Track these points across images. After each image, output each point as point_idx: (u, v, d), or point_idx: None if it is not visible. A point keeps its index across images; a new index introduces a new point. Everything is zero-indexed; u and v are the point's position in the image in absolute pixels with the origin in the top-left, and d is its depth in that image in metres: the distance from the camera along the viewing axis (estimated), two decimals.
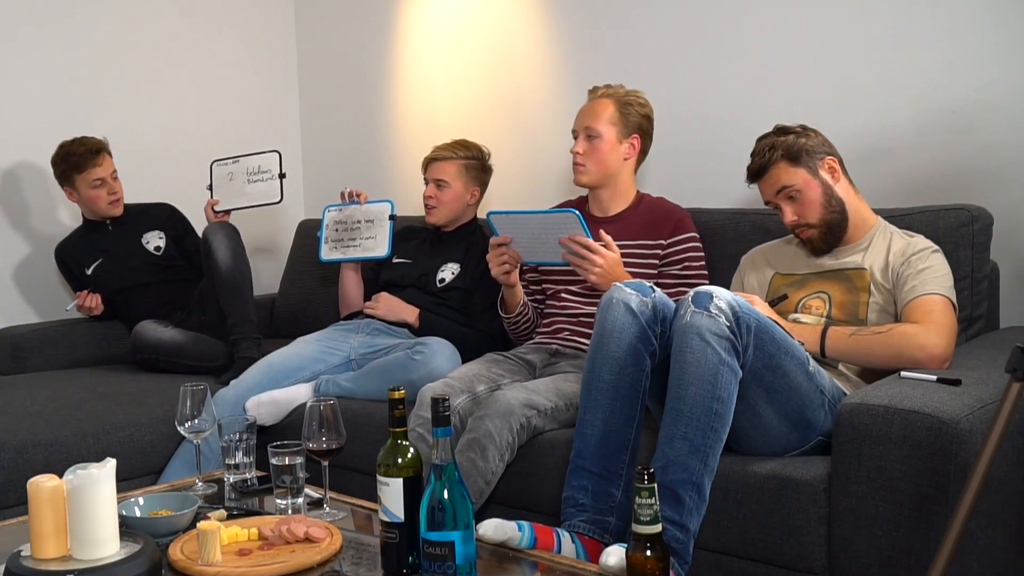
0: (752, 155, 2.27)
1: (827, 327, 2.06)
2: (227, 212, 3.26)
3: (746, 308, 1.88)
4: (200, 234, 3.31)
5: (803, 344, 2.01)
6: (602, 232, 2.45)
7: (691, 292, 1.91)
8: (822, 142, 2.23)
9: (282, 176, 3.21)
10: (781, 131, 2.26)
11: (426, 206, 3.07)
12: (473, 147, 3.08)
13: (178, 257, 3.40)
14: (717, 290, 1.89)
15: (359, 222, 3.18)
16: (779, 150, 2.22)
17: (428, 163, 3.09)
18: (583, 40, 3.22)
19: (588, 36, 3.21)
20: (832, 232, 2.21)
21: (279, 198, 3.21)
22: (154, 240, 3.38)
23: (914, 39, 2.54)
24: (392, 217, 3.02)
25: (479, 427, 2.19)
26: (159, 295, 3.30)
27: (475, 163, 3.06)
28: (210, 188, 3.29)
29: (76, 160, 3.20)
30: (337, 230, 3.20)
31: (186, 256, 3.42)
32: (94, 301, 3.25)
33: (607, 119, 2.60)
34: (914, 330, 2.01)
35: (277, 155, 3.18)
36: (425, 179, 3.08)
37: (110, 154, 3.27)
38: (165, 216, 3.43)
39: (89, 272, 3.31)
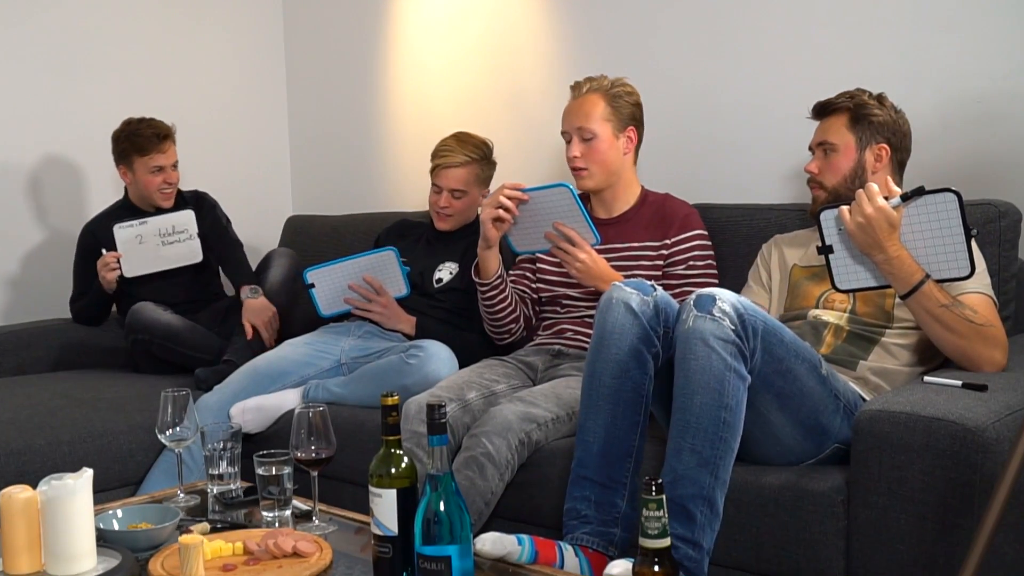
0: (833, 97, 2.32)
1: (928, 277, 1.98)
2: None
3: (752, 310, 1.88)
4: (221, 219, 3.40)
5: (895, 274, 1.97)
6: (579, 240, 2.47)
7: (693, 295, 1.91)
8: (893, 128, 2.25)
9: (200, 235, 3.24)
10: (867, 92, 2.28)
11: (437, 213, 3.02)
12: (480, 144, 3.01)
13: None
14: (720, 292, 1.89)
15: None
16: (852, 104, 2.26)
17: (440, 170, 2.98)
18: (584, 27, 3.22)
19: (589, 23, 3.21)
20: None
21: (201, 257, 3.24)
22: None
23: (937, 24, 2.54)
24: (405, 263, 2.99)
25: (476, 445, 2.19)
26: (167, 288, 3.28)
27: (485, 163, 3.02)
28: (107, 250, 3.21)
29: (140, 142, 3.19)
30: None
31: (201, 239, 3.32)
32: (113, 267, 3.17)
33: (600, 116, 2.57)
34: (999, 341, 1.99)
35: (192, 213, 3.22)
36: (437, 186, 3.00)
37: (175, 142, 3.27)
38: (195, 204, 3.36)
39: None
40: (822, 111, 2.33)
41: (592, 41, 3.21)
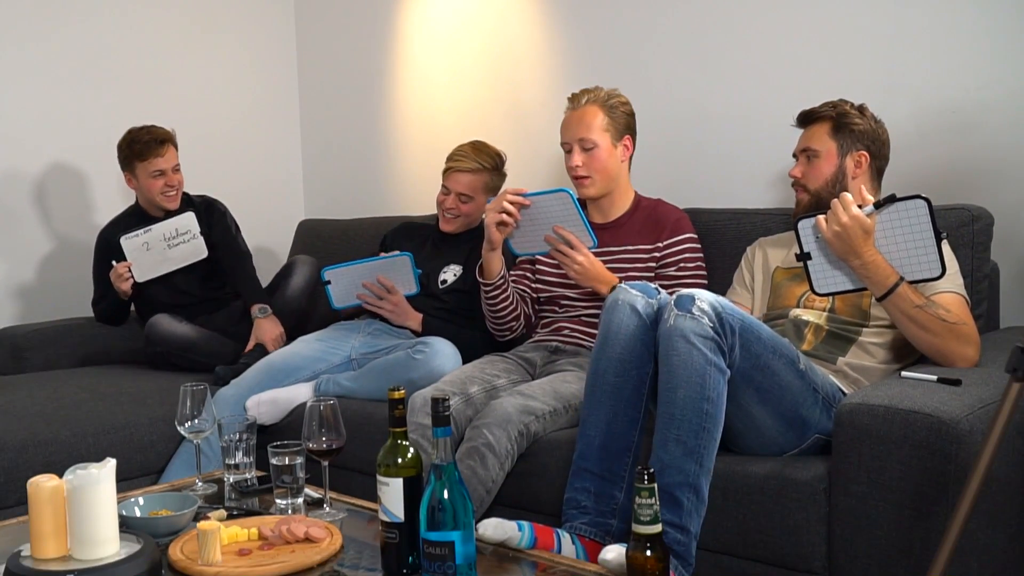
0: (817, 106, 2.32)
1: (903, 279, 1.98)
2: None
3: (729, 309, 1.88)
4: (231, 228, 3.37)
5: (871, 278, 1.97)
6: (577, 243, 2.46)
7: (674, 296, 1.92)
8: (873, 137, 2.26)
9: (203, 233, 3.22)
10: (849, 103, 2.28)
11: (443, 215, 3.02)
12: (495, 155, 3.01)
13: (209, 259, 3.29)
14: (699, 292, 1.90)
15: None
16: (835, 113, 2.26)
17: (451, 172, 2.99)
18: (580, 42, 3.22)
19: (585, 38, 3.21)
20: (819, 208, 2.19)
21: (206, 253, 3.22)
22: None
23: (914, 38, 2.54)
24: (418, 266, 2.99)
25: (477, 436, 2.19)
26: (183, 290, 3.27)
27: (496, 174, 3.02)
28: (117, 261, 3.19)
29: (139, 148, 3.18)
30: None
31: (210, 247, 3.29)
32: (126, 277, 3.16)
33: (599, 127, 2.56)
34: (972, 339, 1.99)
35: (192, 214, 3.20)
36: (447, 187, 3.00)
37: (176, 146, 3.25)
38: (205, 212, 3.35)
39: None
40: (806, 119, 2.33)
41: (587, 55, 3.21)
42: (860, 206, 1.99)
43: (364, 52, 3.93)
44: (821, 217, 2.02)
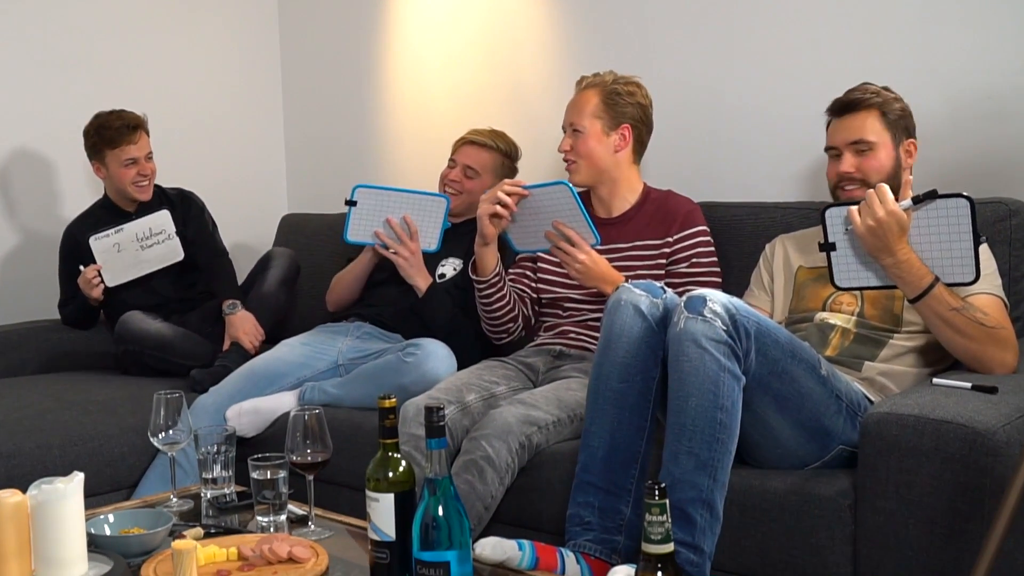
0: (849, 90, 2.26)
1: (938, 280, 1.96)
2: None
3: (744, 311, 1.88)
4: (208, 224, 3.38)
5: (903, 278, 1.96)
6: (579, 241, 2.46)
7: (684, 297, 1.92)
8: (910, 120, 2.25)
9: (178, 233, 3.20)
10: (888, 90, 2.25)
11: (445, 189, 3.05)
12: (512, 143, 3.06)
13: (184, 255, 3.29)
14: (711, 293, 1.90)
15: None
16: (882, 100, 2.22)
17: (462, 145, 3.05)
18: (586, 21, 3.22)
19: (591, 17, 3.21)
20: None
21: (182, 255, 3.21)
22: None
23: (945, 19, 2.53)
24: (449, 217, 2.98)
25: (476, 448, 2.19)
26: (156, 290, 3.26)
27: (508, 160, 3.05)
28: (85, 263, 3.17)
29: (110, 134, 3.16)
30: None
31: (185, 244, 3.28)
32: (96, 283, 3.14)
33: (590, 112, 2.58)
34: (1010, 343, 1.99)
35: (167, 213, 3.18)
36: (454, 160, 3.05)
37: (148, 133, 3.24)
38: (180, 205, 3.35)
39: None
40: (846, 108, 2.25)
41: (593, 35, 3.20)
42: (896, 199, 1.97)
43: (352, 34, 3.93)
44: (854, 208, 2.00)
